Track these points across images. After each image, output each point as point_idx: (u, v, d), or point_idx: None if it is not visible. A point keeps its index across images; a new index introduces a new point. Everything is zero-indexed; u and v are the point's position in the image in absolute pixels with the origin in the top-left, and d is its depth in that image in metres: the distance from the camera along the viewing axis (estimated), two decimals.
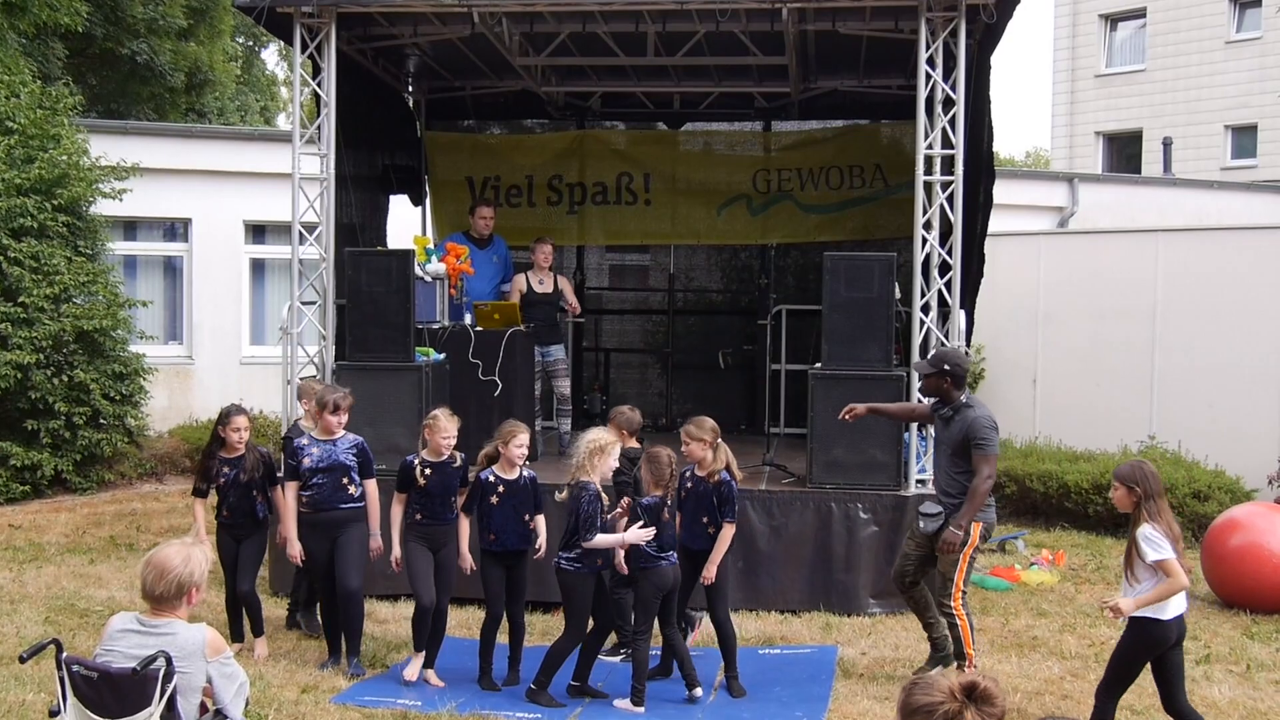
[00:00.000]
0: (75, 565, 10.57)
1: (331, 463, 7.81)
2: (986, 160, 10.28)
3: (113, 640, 4.90)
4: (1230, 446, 12.78)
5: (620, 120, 14.55)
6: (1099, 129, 36.53)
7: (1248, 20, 33.50)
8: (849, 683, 7.76)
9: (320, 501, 7.82)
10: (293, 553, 7.92)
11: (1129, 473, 6.21)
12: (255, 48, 33.84)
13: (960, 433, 7.61)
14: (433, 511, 7.68)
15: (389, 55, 11.97)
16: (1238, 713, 7.34)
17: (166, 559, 4.92)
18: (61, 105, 14.32)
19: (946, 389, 7.70)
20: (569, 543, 7.24)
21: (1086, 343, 14.38)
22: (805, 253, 14.07)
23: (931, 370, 7.75)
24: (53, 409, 13.18)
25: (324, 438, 7.89)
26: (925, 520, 7.71)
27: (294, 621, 8.79)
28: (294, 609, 8.84)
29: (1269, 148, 32.83)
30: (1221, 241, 14.07)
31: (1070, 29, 37.08)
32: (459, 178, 13.92)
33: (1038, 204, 19.77)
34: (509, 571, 7.62)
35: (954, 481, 7.66)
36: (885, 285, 9.50)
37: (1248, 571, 9.60)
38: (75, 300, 13.65)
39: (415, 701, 7.21)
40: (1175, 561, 6.02)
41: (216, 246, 16.71)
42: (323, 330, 10.14)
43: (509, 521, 7.54)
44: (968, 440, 7.56)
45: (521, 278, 11.63)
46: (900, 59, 11.08)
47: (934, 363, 7.79)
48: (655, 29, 10.66)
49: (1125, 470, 6.25)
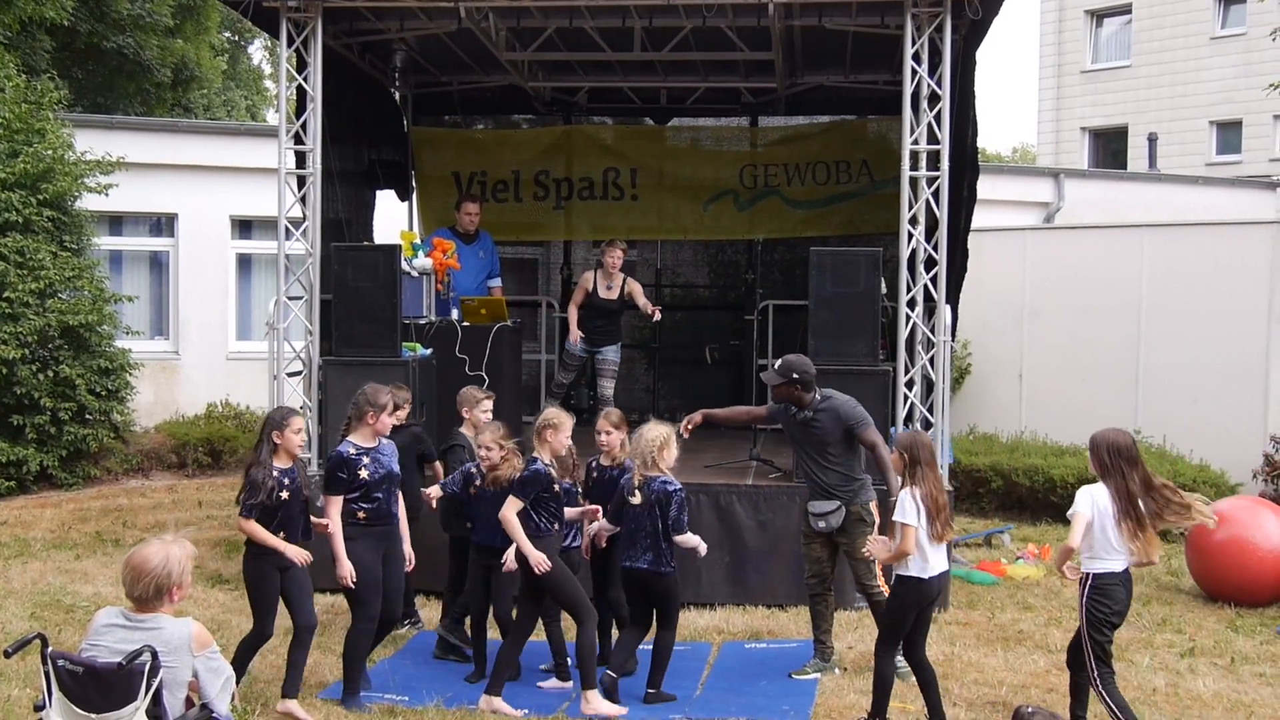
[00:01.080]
0: (61, 561, 10.54)
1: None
2: (971, 155, 10.31)
3: (98, 635, 4.90)
4: (1215, 441, 12.85)
5: (607, 115, 14.55)
6: (1085, 124, 36.63)
7: (1232, 16, 33.61)
8: (835, 676, 7.78)
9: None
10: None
11: (903, 441, 6.83)
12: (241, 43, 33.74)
13: (832, 424, 7.72)
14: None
15: (375, 50, 11.96)
16: (1221, 705, 7.38)
17: (144, 560, 4.89)
18: (46, 100, 14.26)
19: (798, 395, 7.83)
20: (650, 544, 7.17)
21: (1072, 338, 14.43)
22: (792, 248, 14.08)
23: (781, 380, 7.84)
24: (38, 404, 13.14)
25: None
26: (825, 519, 7.72)
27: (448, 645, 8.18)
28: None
29: (1254, 143, 32.96)
30: (1207, 237, 14.13)
31: (1056, 25, 37.16)
32: (445, 173, 13.91)
33: (1024, 199, 19.83)
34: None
35: (831, 473, 7.72)
36: (871, 280, 9.53)
37: (1232, 565, 9.65)
38: (61, 295, 13.60)
39: (402, 697, 7.22)
40: (912, 528, 6.54)
41: (203, 242, 16.66)
42: (309, 326, 10.12)
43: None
44: (847, 427, 7.70)
45: (589, 277, 11.36)
46: (886, 54, 11.09)
47: (782, 373, 7.85)
48: (642, 24, 10.65)
49: (902, 439, 6.91)
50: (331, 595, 8.75)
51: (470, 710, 7.08)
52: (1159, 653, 8.40)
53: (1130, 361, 13.93)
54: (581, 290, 11.34)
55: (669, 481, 7.17)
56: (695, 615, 8.79)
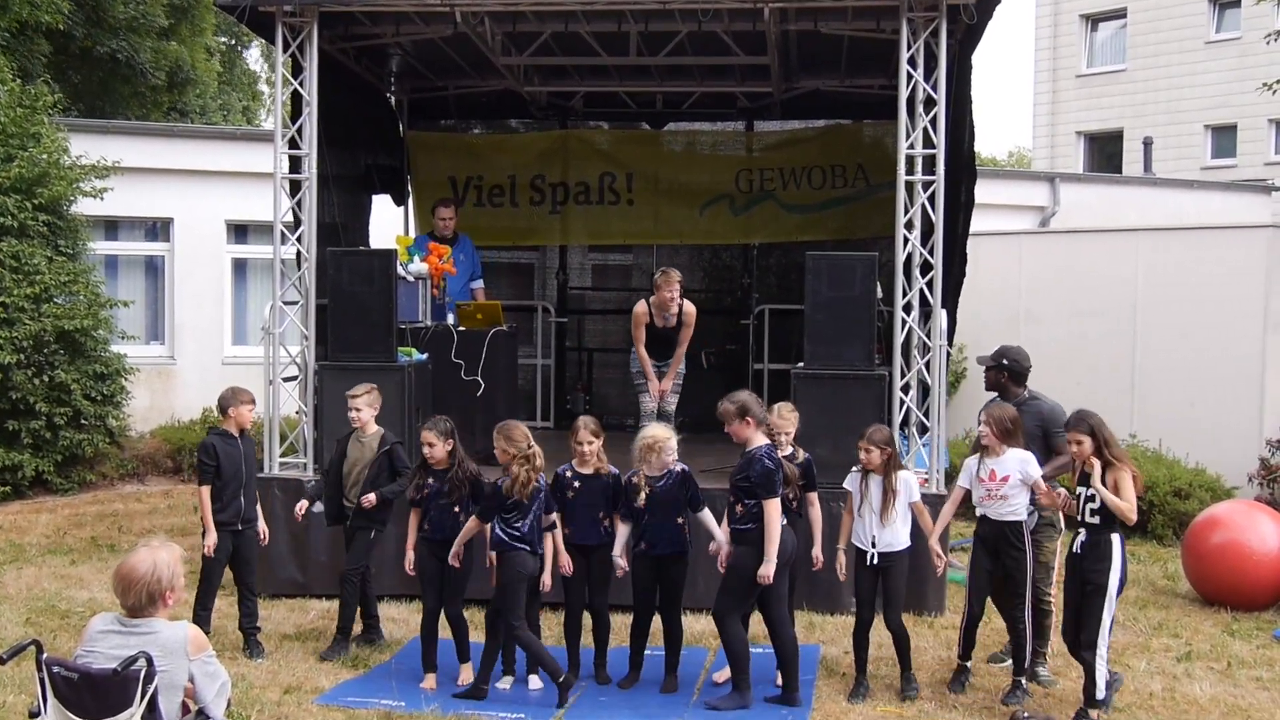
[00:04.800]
0: (56, 566, 10.52)
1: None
2: (968, 160, 10.31)
3: (93, 641, 4.88)
4: (1211, 444, 12.85)
5: (603, 120, 14.55)
6: (1080, 129, 36.70)
7: (1227, 20, 33.70)
8: (832, 681, 7.78)
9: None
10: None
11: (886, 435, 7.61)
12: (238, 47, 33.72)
13: (1033, 424, 7.89)
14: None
15: (371, 55, 11.95)
16: (1218, 710, 7.37)
17: (132, 569, 4.87)
18: (41, 104, 14.24)
19: (1005, 384, 8.16)
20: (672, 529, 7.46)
21: (1067, 342, 14.41)
22: (787, 252, 14.08)
23: (992, 364, 8.19)
24: (34, 409, 13.12)
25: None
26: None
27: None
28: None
29: (1248, 147, 33.03)
30: (1202, 241, 14.12)
31: (1051, 29, 37.24)
32: (441, 178, 13.91)
33: (1019, 203, 19.85)
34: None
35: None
36: (867, 285, 9.52)
37: (1228, 569, 9.65)
38: (56, 300, 13.56)
39: (399, 702, 7.21)
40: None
41: (198, 246, 16.64)
42: (305, 330, 10.12)
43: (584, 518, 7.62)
44: (1048, 431, 7.94)
45: (643, 312, 10.38)
46: (882, 59, 11.10)
47: (995, 357, 8.16)
48: (638, 29, 10.66)
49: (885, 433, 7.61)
50: (328, 601, 8.78)
51: (465, 715, 7.07)
52: (1155, 657, 8.39)
53: (1126, 365, 13.93)
54: (640, 328, 10.40)
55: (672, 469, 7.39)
56: (691, 620, 8.76)
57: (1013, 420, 7.49)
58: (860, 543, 7.56)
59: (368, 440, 8.27)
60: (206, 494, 8.03)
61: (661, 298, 10.22)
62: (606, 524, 7.62)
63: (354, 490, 8.20)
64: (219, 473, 8.02)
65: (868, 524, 7.52)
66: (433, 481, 7.72)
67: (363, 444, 8.27)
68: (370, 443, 8.26)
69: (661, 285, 10.20)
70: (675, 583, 7.61)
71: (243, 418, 8.14)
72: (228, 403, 8.15)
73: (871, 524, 7.51)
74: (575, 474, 7.63)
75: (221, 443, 8.10)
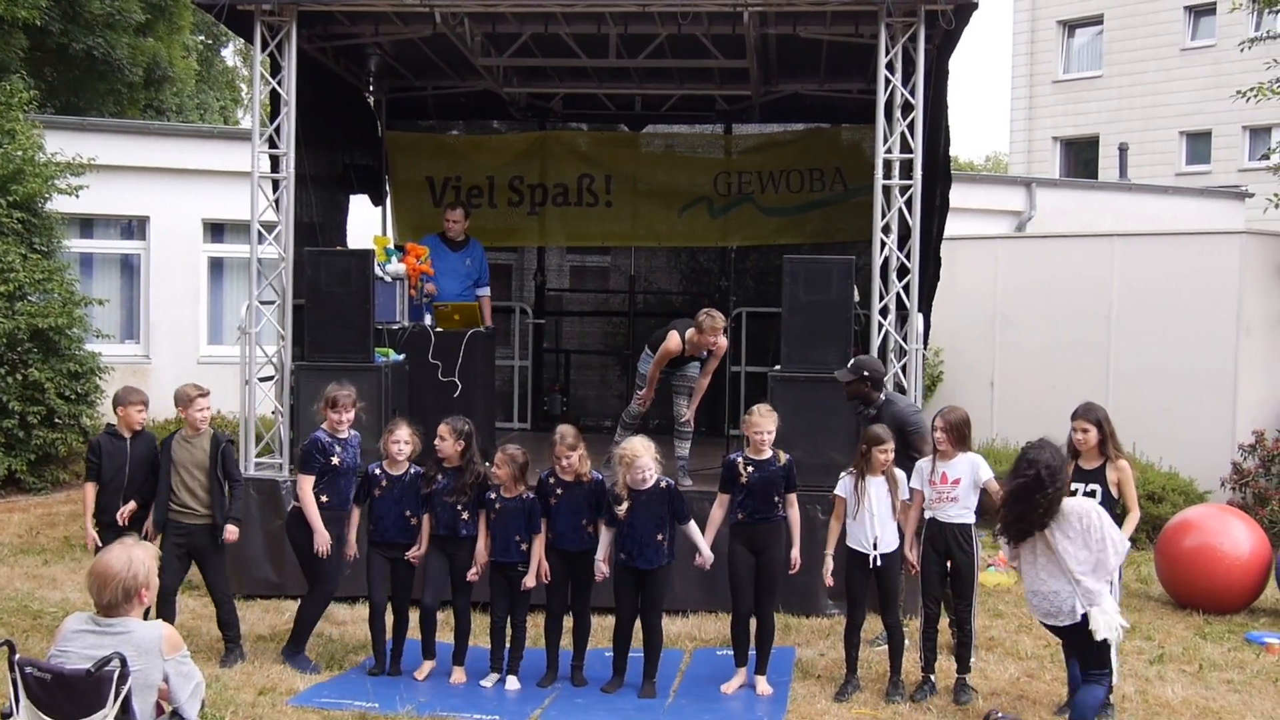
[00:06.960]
0: (29, 566, 10.45)
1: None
2: (944, 164, 10.35)
3: (67, 641, 4.86)
4: (1184, 449, 12.93)
5: (582, 122, 14.55)
6: (1057, 134, 36.88)
7: (1202, 28, 33.92)
8: (807, 683, 7.80)
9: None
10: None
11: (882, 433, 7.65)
12: (215, 45, 33.55)
13: (888, 424, 7.99)
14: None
15: (350, 54, 11.93)
16: (1190, 712, 7.43)
17: (107, 566, 4.87)
18: (16, 100, 14.15)
19: (867, 392, 8.42)
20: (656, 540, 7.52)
21: (1043, 346, 14.51)
22: (765, 255, 14.09)
23: (853, 377, 8.41)
24: (7, 408, 13.03)
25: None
26: None
27: None
28: None
29: (1222, 154, 33.25)
30: (1177, 246, 14.23)
31: (1029, 35, 37.42)
32: (419, 178, 13.89)
33: (996, 208, 19.93)
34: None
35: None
36: (844, 288, 9.55)
37: (1201, 572, 9.73)
38: (30, 298, 13.48)
39: (373, 704, 7.19)
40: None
41: (174, 245, 16.57)
42: (281, 330, 10.08)
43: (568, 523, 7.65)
44: (902, 430, 8.09)
45: (676, 343, 9.69)
46: (860, 63, 11.14)
47: (854, 370, 8.43)
48: (617, 31, 10.67)
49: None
50: (292, 601, 8.71)
51: (440, 716, 7.06)
52: (1128, 659, 8.43)
53: (1100, 369, 14.01)
54: (666, 355, 9.77)
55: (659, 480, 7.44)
56: (667, 622, 8.75)
57: (966, 424, 7.64)
58: (860, 546, 7.55)
59: (197, 441, 7.91)
60: (90, 491, 7.98)
61: (704, 341, 9.57)
62: (589, 529, 7.63)
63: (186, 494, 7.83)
64: (99, 472, 7.95)
65: (868, 527, 7.52)
66: (442, 479, 7.75)
67: (191, 445, 7.90)
68: (200, 443, 7.90)
69: (707, 330, 9.48)
70: (656, 592, 7.62)
71: (131, 419, 8.02)
72: (117, 402, 8.05)
73: (872, 526, 7.51)
74: (558, 480, 7.63)
75: (108, 442, 8.01)
